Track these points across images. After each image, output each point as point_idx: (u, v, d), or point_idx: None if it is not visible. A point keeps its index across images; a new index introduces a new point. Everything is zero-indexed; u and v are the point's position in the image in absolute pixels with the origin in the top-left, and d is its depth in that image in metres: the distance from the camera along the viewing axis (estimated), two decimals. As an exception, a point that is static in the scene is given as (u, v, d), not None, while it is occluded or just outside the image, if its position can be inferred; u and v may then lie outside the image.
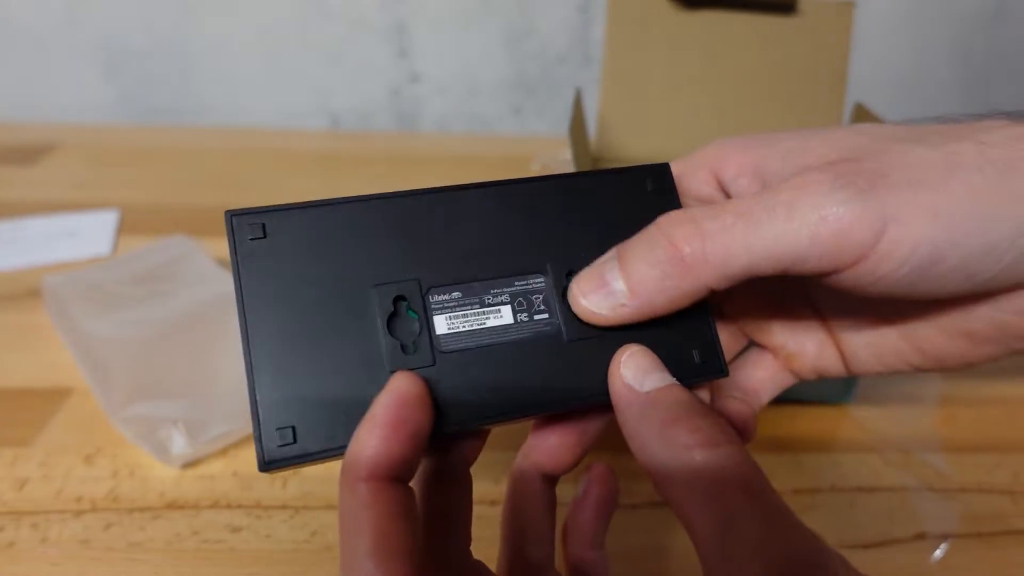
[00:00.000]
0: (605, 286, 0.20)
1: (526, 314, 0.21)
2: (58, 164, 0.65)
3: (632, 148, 0.44)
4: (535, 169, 0.66)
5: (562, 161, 0.66)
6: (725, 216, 0.19)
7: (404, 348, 0.20)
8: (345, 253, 0.20)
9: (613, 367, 0.20)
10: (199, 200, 0.58)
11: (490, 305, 0.21)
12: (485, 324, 0.21)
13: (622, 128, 0.44)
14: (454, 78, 0.79)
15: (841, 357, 0.25)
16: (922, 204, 0.19)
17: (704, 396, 0.24)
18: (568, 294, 0.21)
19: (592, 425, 0.23)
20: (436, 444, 0.21)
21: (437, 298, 0.20)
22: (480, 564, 0.22)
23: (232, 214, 0.20)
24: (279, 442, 0.19)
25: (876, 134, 0.21)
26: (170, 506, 0.31)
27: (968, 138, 0.20)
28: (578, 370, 0.21)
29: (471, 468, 0.23)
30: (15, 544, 0.29)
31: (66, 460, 0.33)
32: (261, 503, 0.31)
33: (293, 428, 0.19)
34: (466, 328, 0.20)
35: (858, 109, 0.41)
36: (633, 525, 0.31)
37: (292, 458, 0.19)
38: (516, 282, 0.21)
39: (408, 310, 0.20)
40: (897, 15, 0.75)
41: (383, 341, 0.20)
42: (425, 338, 0.20)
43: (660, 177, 0.23)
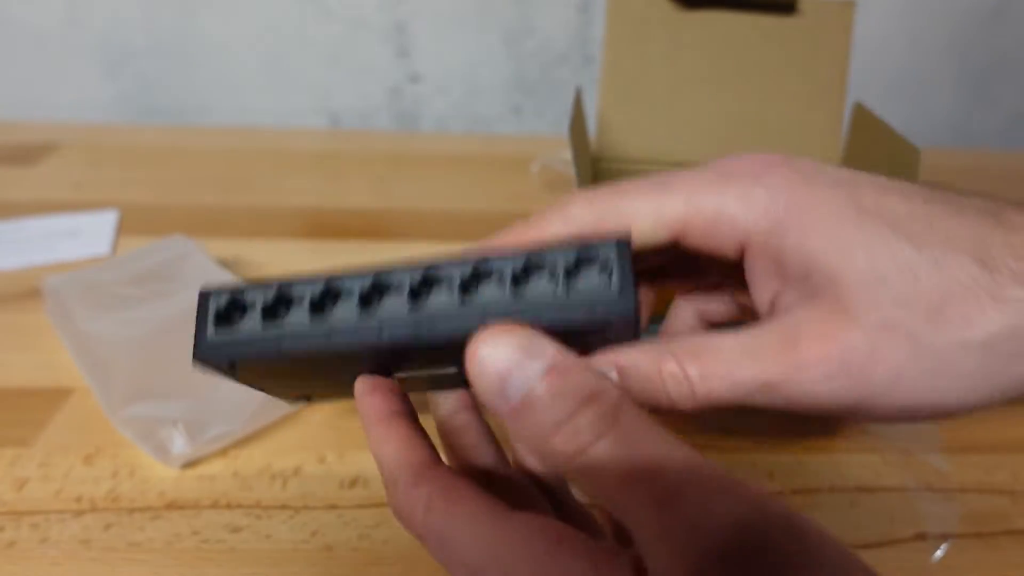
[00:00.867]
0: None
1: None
2: (58, 164, 0.65)
3: (632, 148, 0.44)
4: (535, 171, 0.66)
5: (562, 161, 0.66)
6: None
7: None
8: None
9: (469, 364, 0.17)
10: (199, 200, 0.58)
11: None
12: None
13: (622, 128, 0.44)
14: (454, 78, 0.79)
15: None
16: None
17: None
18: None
19: None
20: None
21: None
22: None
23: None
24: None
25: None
26: (170, 506, 0.31)
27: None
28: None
29: None
30: (15, 544, 0.29)
31: (66, 460, 0.33)
32: (261, 503, 0.31)
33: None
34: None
35: (858, 109, 0.41)
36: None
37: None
38: None
39: None
40: (896, 14, 0.75)
41: None
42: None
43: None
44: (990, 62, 0.79)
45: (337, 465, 0.33)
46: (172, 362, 0.36)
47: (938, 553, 0.30)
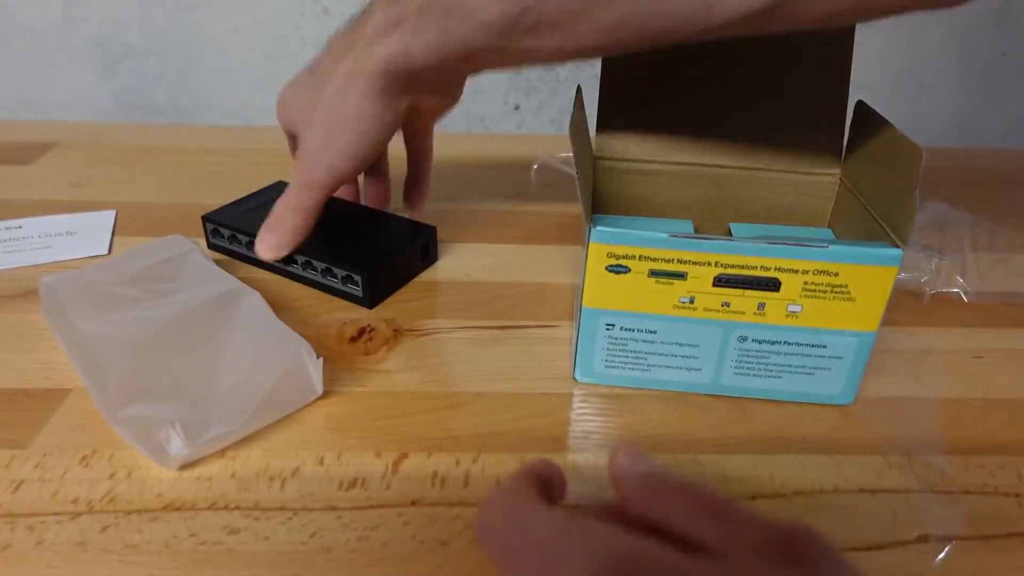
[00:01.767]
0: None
1: None
2: (55, 163, 0.65)
3: (632, 147, 0.44)
4: (534, 170, 0.66)
5: (561, 160, 0.66)
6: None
7: None
8: None
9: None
10: (198, 200, 0.58)
11: None
12: None
13: (622, 127, 0.43)
14: (453, 77, 0.78)
15: None
16: None
17: None
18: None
19: None
20: None
21: None
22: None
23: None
24: None
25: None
26: (167, 508, 0.31)
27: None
28: None
29: None
30: (11, 546, 0.29)
31: (63, 461, 0.33)
32: (259, 505, 0.31)
33: None
34: None
35: (860, 106, 0.40)
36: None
37: None
38: None
39: None
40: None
41: None
42: None
43: None
44: (991, 60, 0.79)
45: (336, 466, 0.33)
46: (170, 363, 0.36)
47: (941, 556, 0.30)
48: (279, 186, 0.54)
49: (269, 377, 0.34)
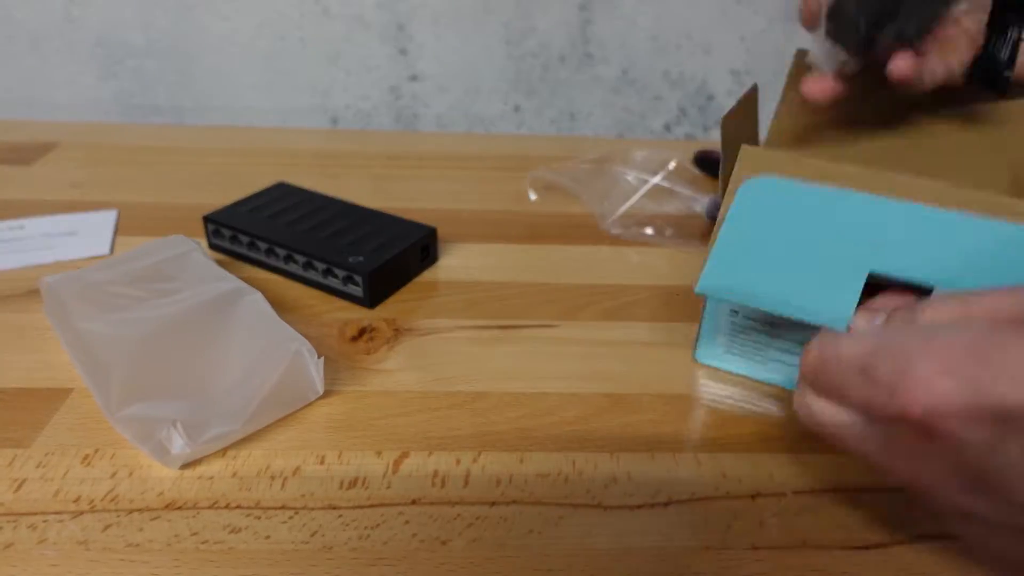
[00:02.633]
0: None
1: None
2: (56, 163, 0.65)
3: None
4: (528, 182, 0.66)
5: (553, 171, 0.65)
6: None
7: None
8: None
9: None
10: (199, 200, 0.58)
11: None
12: None
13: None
14: (454, 77, 0.79)
15: None
16: None
17: None
18: None
19: None
20: None
21: None
22: None
23: None
24: None
25: None
26: (169, 507, 0.31)
27: None
28: None
29: None
30: (13, 545, 0.29)
31: (64, 461, 0.33)
32: (260, 504, 0.31)
33: None
34: None
35: None
36: (634, 526, 0.31)
37: None
38: None
39: None
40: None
41: None
42: None
43: None
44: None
45: (336, 465, 0.33)
46: (171, 362, 0.36)
47: (940, 557, 0.30)
48: (279, 186, 0.54)
49: (270, 377, 0.34)
